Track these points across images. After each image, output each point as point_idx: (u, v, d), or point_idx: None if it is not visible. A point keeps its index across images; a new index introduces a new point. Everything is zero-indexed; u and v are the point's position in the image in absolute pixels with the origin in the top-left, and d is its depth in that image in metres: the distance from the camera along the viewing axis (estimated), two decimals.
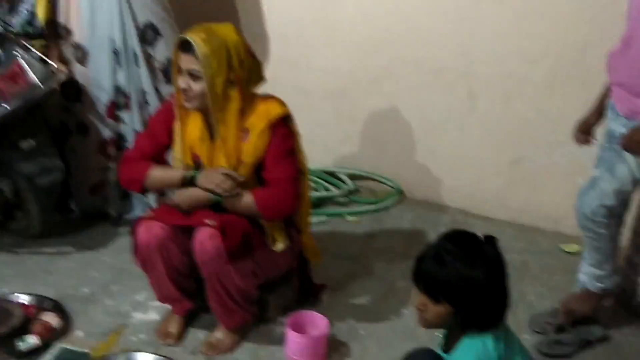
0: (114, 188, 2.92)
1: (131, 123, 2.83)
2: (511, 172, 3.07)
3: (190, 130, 2.21)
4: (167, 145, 2.28)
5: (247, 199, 2.14)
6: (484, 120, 3.05)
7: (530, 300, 2.58)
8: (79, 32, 2.72)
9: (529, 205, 3.08)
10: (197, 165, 2.23)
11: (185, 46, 2.07)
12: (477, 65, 2.98)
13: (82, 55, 2.75)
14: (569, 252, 2.90)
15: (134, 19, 2.71)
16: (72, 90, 2.79)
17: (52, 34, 2.76)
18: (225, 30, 2.13)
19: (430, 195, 3.30)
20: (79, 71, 2.77)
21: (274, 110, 2.17)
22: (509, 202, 3.11)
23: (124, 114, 2.82)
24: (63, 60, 2.76)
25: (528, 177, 3.04)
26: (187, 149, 2.23)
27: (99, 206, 2.99)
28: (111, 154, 2.88)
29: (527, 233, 3.05)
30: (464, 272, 1.52)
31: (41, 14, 2.71)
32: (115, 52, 2.72)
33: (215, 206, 2.17)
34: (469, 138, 3.11)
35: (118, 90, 2.78)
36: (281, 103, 2.22)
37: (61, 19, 2.73)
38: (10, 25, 2.69)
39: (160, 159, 2.28)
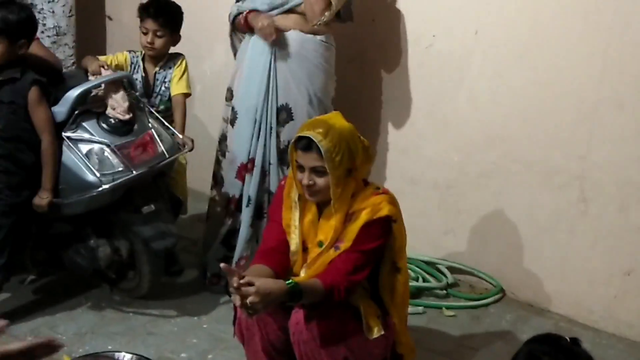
0: (217, 247, 3.07)
1: (248, 187, 2.97)
2: (624, 283, 2.92)
3: (307, 219, 2.25)
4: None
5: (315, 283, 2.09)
6: (597, 226, 2.95)
7: None
8: (236, 99, 2.98)
9: None
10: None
11: (304, 145, 2.13)
12: (593, 169, 2.91)
13: (233, 118, 2.98)
14: None
15: (276, 98, 2.90)
16: (224, 146, 3.04)
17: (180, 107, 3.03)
18: (337, 120, 2.20)
19: (533, 297, 3.19)
20: (229, 131, 3.01)
21: (383, 210, 2.17)
22: (620, 314, 2.95)
23: (247, 177, 2.98)
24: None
25: None
26: (301, 240, 2.26)
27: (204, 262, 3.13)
28: (230, 211, 3.03)
29: (639, 350, 2.87)
30: None
31: (175, 91, 3.01)
32: (255, 122, 2.91)
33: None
34: (579, 243, 3.01)
35: (249, 155, 2.96)
36: (393, 202, 2.22)
37: (230, 83, 3.03)
38: (151, 105, 2.97)
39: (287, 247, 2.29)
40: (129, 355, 2.52)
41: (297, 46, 2.87)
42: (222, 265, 1.98)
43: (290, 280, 2.03)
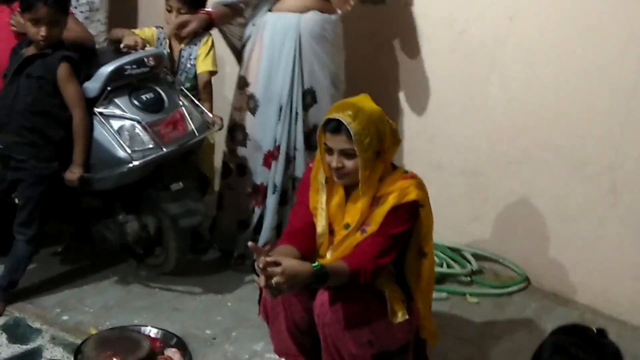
0: (250, 232, 3.08)
1: (275, 173, 2.97)
2: None
3: (334, 202, 2.26)
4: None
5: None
6: (626, 218, 2.91)
7: None
8: (255, 86, 2.95)
9: None
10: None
11: (333, 127, 2.12)
12: (625, 160, 2.87)
13: (254, 106, 2.96)
14: None
15: (302, 84, 2.89)
16: (241, 135, 3.02)
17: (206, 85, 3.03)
18: (366, 102, 2.19)
19: (558, 287, 3.16)
20: (248, 119, 2.99)
21: (411, 195, 2.16)
22: None
23: (274, 164, 2.98)
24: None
25: None
26: (327, 222, 2.26)
27: (232, 247, 3.15)
28: (258, 200, 3.04)
29: None
30: None
31: (200, 69, 3.00)
32: (280, 108, 2.90)
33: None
34: (608, 234, 2.97)
35: (275, 142, 2.95)
36: (420, 187, 2.22)
37: (242, 72, 3.02)
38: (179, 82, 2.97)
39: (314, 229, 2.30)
40: (154, 330, 2.58)
41: (318, 28, 2.86)
42: (249, 244, 2.00)
43: (316, 263, 2.04)
